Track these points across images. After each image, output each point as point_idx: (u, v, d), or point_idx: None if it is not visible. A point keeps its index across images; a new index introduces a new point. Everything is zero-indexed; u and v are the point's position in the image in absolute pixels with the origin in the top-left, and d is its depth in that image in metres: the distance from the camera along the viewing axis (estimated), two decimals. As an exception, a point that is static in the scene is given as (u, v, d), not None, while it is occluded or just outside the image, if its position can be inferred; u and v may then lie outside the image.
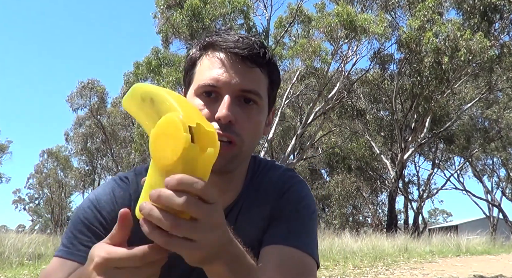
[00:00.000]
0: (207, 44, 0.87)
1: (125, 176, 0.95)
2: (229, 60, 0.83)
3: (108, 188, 0.92)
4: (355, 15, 15.08)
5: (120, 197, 0.91)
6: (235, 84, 0.82)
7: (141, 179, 0.90)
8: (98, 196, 0.91)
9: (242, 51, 0.83)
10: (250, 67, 0.84)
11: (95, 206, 0.89)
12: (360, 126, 21.87)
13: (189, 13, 14.77)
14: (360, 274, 7.66)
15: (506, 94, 21.94)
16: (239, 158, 0.84)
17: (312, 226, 0.92)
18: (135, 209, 0.89)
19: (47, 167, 37.14)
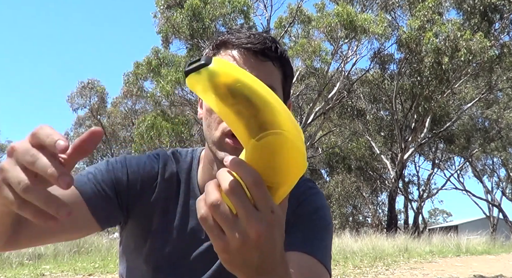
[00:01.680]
0: (220, 43, 0.88)
1: (157, 153, 0.99)
2: (241, 56, 0.85)
3: (142, 157, 0.97)
4: (355, 15, 15.09)
5: (149, 166, 0.95)
6: None
7: (170, 160, 0.98)
8: (130, 159, 0.95)
9: (254, 46, 0.84)
10: (262, 61, 0.85)
11: (125, 162, 0.93)
12: (360, 126, 21.87)
13: (189, 13, 14.78)
14: (360, 274, 7.66)
15: (506, 94, 21.94)
16: None
17: (327, 237, 0.93)
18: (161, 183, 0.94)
19: (47, 167, 37.14)
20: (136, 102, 25.78)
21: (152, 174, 0.95)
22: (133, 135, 20.01)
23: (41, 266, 7.28)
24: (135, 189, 0.92)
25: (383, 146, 22.74)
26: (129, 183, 0.91)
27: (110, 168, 0.91)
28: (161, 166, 0.96)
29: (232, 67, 0.49)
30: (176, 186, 0.96)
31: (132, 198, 0.92)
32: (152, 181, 0.94)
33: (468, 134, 23.66)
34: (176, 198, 0.96)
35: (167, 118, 16.01)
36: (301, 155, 0.49)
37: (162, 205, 0.94)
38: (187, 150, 1.02)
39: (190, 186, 0.96)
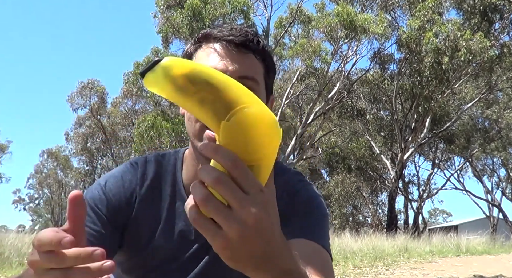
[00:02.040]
0: (201, 36, 0.88)
1: (135, 161, 0.98)
2: (223, 48, 0.84)
3: (119, 171, 0.96)
4: (355, 15, 15.09)
5: (128, 181, 0.94)
6: (232, 71, 0.82)
7: (149, 164, 0.96)
8: (108, 179, 0.94)
9: (235, 38, 0.84)
10: (244, 53, 0.84)
11: (102, 188, 0.92)
12: (360, 126, 21.87)
13: (189, 13, 14.78)
14: (360, 274, 7.66)
15: (506, 94, 21.94)
16: None
17: (325, 224, 0.93)
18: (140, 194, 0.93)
19: (47, 167, 37.18)
20: (136, 102, 25.78)
21: (131, 187, 0.94)
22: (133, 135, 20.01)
23: (41, 266, 7.27)
24: (121, 210, 0.91)
25: (383, 146, 22.74)
26: (114, 208, 0.91)
27: (92, 205, 0.90)
28: (140, 175, 0.95)
29: (184, 60, 0.49)
30: (160, 191, 0.95)
31: (121, 219, 0.91)
32: (131, 194, 0.93)
33: (468, 134, 23.66)
34: (160, 202, 0.94)
35: (167, 118, 16.01)
36: (272, 124, 0.48)
37: (146, 213, 0.93)
38: (170, 152, 1.01)
39: (175, 187, 0.95)
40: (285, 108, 19.69)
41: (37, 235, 0.48)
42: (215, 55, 0.84)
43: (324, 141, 23.42)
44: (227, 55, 0.84)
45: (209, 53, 0.85)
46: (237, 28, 0.86)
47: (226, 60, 0.83)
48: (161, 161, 0.98)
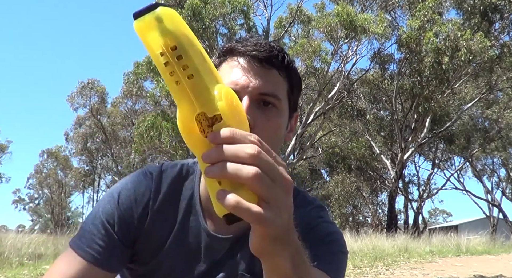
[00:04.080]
0: (226, 50, 0.88)
1: (150, 171, 0.94)
2: (247, 63, 0.84)
3: (132, 182, 0.92)
4: (355, 15, 15.09)
5: (140, 194, 0.91)
6: (254, 87, 0.82)
7: (165, 175, 0.94)
8: (121, 191, 0.91)
9: (259, 54, 0.84)
10: (268, 69, 0.84)
11: (115, 202, 0.90)
12: (360, 126, 21.87)
13: (189, 13, 14.77)
14: (360, 274, 7.66)
15: (506, 94, 21.94)
16: None
17: (342, 259, 0.88)
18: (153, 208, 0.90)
19: (47, 167, 37.15)
20: (136, 102, 25.81)
21: (144, 201, 0.90)
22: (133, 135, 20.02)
23: (41, 266, 7.28)
24: (133, 225, 0.89)
25: (383, 146, 22.74)
26: (126, 225, 0.88)
27: (104, 220, 0.87)
28: (154, 188, 0.92)
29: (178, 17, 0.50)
30: (174, 204, 0.92)
31: (132, 234, 0.89)
32: (144, 209, 0.90)
33: (468, 134, 23.66)
34: (173, 216, 0.92)
35: (167, 118, 16.00)
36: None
37: (157, 227, 0.90)
38: (189, 162, 0.98)
39: (192, 201, 0.92)
40: (285, 108, 19.67)
41: None
42: (238, 69, 0.84)
43: (324, 140, 23.42)
44: (250, 70, 0.83)
45: (233, 67, 0.85)
46: (262, 43, 0.85)
47: (249, 75, 0.83)
48: (179, 172, 0.95)
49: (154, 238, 0.90)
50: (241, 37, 0.91)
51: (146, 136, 15.56)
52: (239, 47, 0.85)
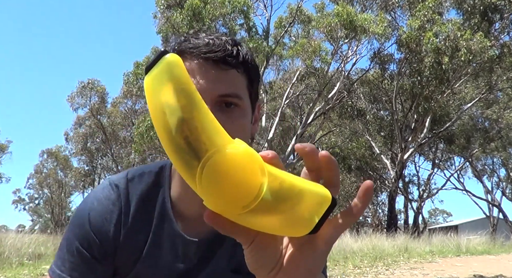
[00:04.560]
0: (177, 52, 0.81)
1: (116, 183, 0.90)
2: (202, 66, 0.79)
3: (99, 199, 0.88)
4: (355, 15, 15.09)
5: (109, 211, 0.87)
6: (212, 91, 0.78)
7: (132, 185, 0.89)
8: (90, 212, 0.87)
9: (214, 55, 0.79)
10: (224, 69, 0.79)
11: (86, 225, 0.86)
12: (360, 126, 21.87)
13: (189, 13, 14.77)
14: (360, 274, 7.66)
15: (506, 94, 21.94)
16: None
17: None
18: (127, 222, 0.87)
19: (47, 167, 37.16)
20: (136, 102, 25.80)
21: (115, 218, 0.87)
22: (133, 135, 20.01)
23: (41, 266, 7.28)
24: (108, 244, 0.86)
25: (383, 146, 22.73)
26: (101, 246, 0.86)
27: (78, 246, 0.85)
28: (123, 202, 0.88)
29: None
30: (147, 213, 0.89)
31: (109, 252, 0.87)
32: (116, 225, 0.87)
33: (468, 134, 23.66)
34: (147, 225, 0.89)
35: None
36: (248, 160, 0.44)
37: (133, 239, 0.88)
38: (156, 166, 0.93)
39: (163, 208, 0.89)
40: (285, 108, 19.69)
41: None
42: (193, 74, 0.79)
43: (324, 140, 23.41)
44: (206, 74, 0.79)
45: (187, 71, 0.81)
46: (215, 42, 0.80)
47: (205, 79, 0.78)
48: (146, 180, 0.91)
49: (131, 250, 0.88)
50: (190, 33, 0.85)
51: (146, 136, 15.55)
52: (191, 49, 0.80)
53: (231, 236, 0.47)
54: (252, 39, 15.98)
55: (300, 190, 0.43)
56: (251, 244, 0.47)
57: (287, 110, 22.15)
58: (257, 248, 0.47)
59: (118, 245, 0.87)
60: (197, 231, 0.88)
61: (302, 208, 0.43)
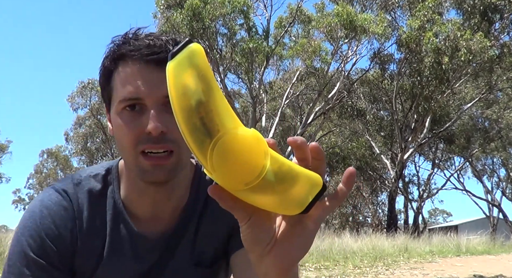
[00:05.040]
0: (118, 55, 0.81)
1: (64, 189, 0.88)
2: (144, 68, 0.78)
3: (47, 208, 0.85)
4: (355, 15, 15.10)
5: (63, 218, 0.85)
6: (157, 93, 0.77)
7: (81, 190, 0.87)
8: (40, 220, 0.84)
9: (156, 57, 0.78)
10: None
11: (40, 235, 0.83)
12: (360, 126, 21.87)
13: (189, 13, 14.77)
14: (360, 274, 7.66)
15: (506, 94, 21.95)
16: (180, 165, 0.81)
17: None
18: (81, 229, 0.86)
19: (47, 167, 37.16)
20: (136, 102, 25.80)
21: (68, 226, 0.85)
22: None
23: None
24: (65, 252, 0.85)
25: (383, 146, 22.73)
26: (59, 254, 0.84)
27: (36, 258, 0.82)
28: (75, 208, 0.86)
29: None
30: (100, 217, 0.88)
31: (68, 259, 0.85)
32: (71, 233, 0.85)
33: (468, 134, 23.66)
34: (103, 229, 0.88)
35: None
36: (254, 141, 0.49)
37: (90, 245, 0.87)
38: (101, 168, 0.92)
39: (116, 209, 0.88)
40: (285, 108, 19.70)
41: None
42: (136, 76, 0.78)
43: (324, 140, 23.42)
44: (149, 76, 0.78)
45: (130, 74, 0.79)
46: (155, 42, 0.79)
47: (149, 81, 0.78)
48: (93, 183, 0.89)
49: (89, 254, 0.87)
50: (127, 35, 0.83)
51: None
52: (132, 52, 0.79)
53: (231, 211, 0.50)
54: (252, 39, 15.98)
55: (297, 174, 0.49)
56: (248, 221, 0.51)
57: (287, 110, 22.16)
58: (253, 225, 0.51)
59: (76, 251, 0.86)
60: (153, 229, 0.89)
61: (297, 189, 0.49)
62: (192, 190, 0.93)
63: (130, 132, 0.79)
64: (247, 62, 16.23)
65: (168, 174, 0.80)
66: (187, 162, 0.88)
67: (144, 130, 0.77)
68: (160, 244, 0.89)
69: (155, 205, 0.88)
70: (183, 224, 0.90)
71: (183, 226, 0.90)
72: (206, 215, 0.92)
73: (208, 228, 0.91)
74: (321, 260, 9.15)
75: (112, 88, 0.82)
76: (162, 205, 0.88)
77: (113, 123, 0.83)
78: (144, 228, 0.89)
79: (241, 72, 17.39)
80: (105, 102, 0.86)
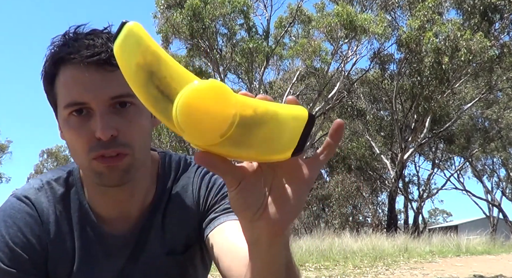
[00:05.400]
0: (58, 59, 0.78)
1: (25, 195, 0.86)
2: (86, 71, 0.75)
3: (11, 217, 0.84)
4: (355, 15, 15.10)
5: (28, 225, 0.84)
6: (102, 95, 0.75)
7: (43, 194, 0.86)
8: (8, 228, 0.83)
9: (97, 58, 0.75)
10: (111, 71, 0.75)
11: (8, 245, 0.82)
12: (360, 126, 21.88)
13: (189, 13, 14.78)
14: (360, 274, 7.66)
15: (506, 94, 21.94)
16: (135, 165, 0.80)
17: None
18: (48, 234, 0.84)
19: (47, 167, 37.17)
20: (136, 102, 25.83)
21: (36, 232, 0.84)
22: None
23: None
24: (37, 258, 0.84)
25: (383, 146, 22.73)
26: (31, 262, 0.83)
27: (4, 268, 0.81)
28: (39, 213, 0.85)
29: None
30: (67, 220, 0.87)
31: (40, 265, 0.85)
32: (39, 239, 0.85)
33: (468, 134, 23.66)
34: (70, 232, 0.87)
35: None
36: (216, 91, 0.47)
37: (60, 249, 0.86)
38: (62, 171, 0.91)
39: (82, 211, 0.87)
40: (285, 108, 19.67)
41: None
42: (79, 80, 0.76)
43: (324, 140, 23.43)
44: (91, 78, 0.75)
45: (72, 78, 0.77)
46: (95, 41, 0.76)
47: (92, 84, 0.75)
48: (56, 186, 0.88)
49: (62, 259, 0.86)
50: (66, 36, 0.80)
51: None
52: (72, 55, 0.76)
53: (222, 175, 0.49)
54: (252, 39, 15.98)
55: (275, 113, 0.46)
56: (238, 186, 0.49)
57: (287, 110, 22.13)
58: (244, 190, 0.50)
59: (48, 256, 0.85)
60: (121, 227, 0.88)
61: (280, 129, 0.46)
62: (159, 184, 0.91)
63: (80, 139, 0.77)
64: (247, 62, 16.25)
65: (122, 175, 0.78)
66: (144, 160, 0.86)
67: (94, 136, 0.75)
68: (130, 240, 0.89)
69: (119, 204, 0.87)
70: (150, 218, 0.90)
71: (150, 219, 0.90)
72: (172, 203, 0.91)
73: (176, 216, 0.91)
74: (321, 260, 9.15)
75: (56, 94, 0.80)
76: (126, 203, 0.87)
77: (62, 129, 0.81)
78: (112, 227, 0.88)
79: (241, 72, 17.41)
80: (52, 106, 0.84)
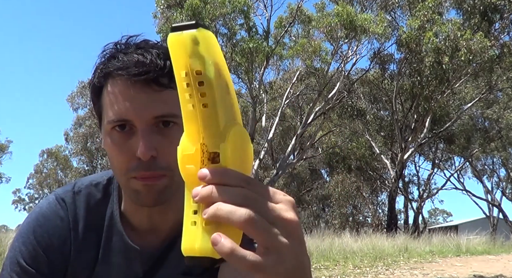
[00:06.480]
0: (106, 73, 0.78)
1: (62, 197, 0.87)
2: (132, 88, 0.75)
3: (44, 216, 0.86)
4: (355, 15, 15.10)
5: (57, 227, 0.85)
6: (147, 114, 0.75)
7: (80, 199, 0.87)
8: (35, 228, 0.85)
9: (145, 77, 0.75)
10: (157, 91, 0.75)
11: (33, 243, 0.83)
12: (360, 126, 21.88)
13: (189, 13, 14.76)
14: (360, 274, 7.67)
15: (506, 94, 21.96)
16: (172, 187, 0.79)
17: None
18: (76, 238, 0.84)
19: (47, 167, 37.17)
20: (136, 102, 25.83)
21: (63, 235, 0.85)
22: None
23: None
24: (57, 262, 0.84)
25: (383, 146, 22.74)
26: (50, 264, 0.83)
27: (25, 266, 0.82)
28: (71, 217, 0.86)
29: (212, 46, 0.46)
30: (96, 228, 0.87)
31: (59, 269, 0.85)
32: (64, 242, 0.85)
33: (468, 134, 23.67)
34: (97, 240, 0.87)
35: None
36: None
37: (83, 256, 0.86)
38: (103, 177, 0.91)
39: (112, 221, 0.87)
40: (285, 108, 19.69)
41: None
42: (125, 96, 0.76)
43: (324, 140, 23.41)
44: (138, 96, 0.75)
45: (118, 94, 0.77)
46: (145, 57, 0.76)
47: (138, 102, 0.75)
48: (93, 192, 0.89)
49: (82, 266, 0.86)
50: (116, 47, 0.80)
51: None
52: (119, 72, 0.76)
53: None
54: (252, 39, 15.96)
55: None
56: None
57: (287, 110, 22.16)
58: None
59: (69, 262, 0.85)
60: (149, 241, 0.87)
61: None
62: None
63: (120, 157, 0.77)
64: (247, 62, 16.22)
65: (158, 195, 0.78)
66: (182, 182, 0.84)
67: (134, 155, 0.75)
68: (153, 255, 0.88)
69: (151, 220, 0.87)
70: (176, 237, 0.88)
71: (175, 238, 0.88)
72: None
73: None
74: (321, 260, 9.16)
75: (102, 106, 0.81)
76: (158, 220, 0.87)
77: (104, 140, 0.81)
78: (139, 240, 0.87)
79: (241, 72, 17.37)
80: (97, 117, 0.85)
